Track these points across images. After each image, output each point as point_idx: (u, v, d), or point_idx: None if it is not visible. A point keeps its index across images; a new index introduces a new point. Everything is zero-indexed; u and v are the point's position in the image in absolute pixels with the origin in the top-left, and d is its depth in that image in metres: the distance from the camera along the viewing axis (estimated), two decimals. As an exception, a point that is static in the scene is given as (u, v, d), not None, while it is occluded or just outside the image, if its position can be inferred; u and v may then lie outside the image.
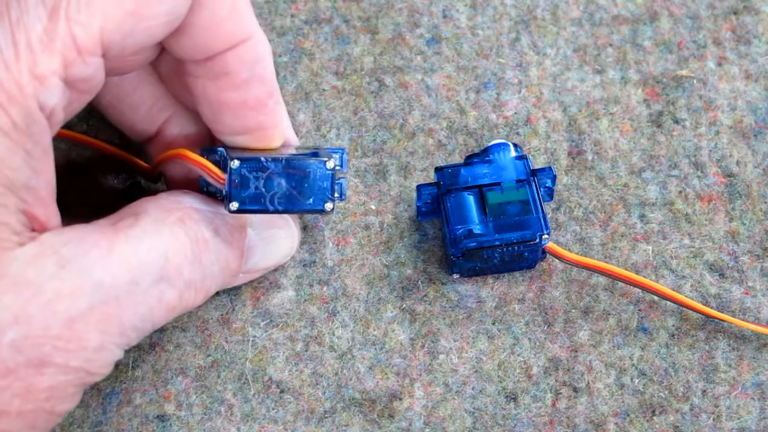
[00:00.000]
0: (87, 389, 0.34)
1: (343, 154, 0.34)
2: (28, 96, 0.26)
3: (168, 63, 0.34)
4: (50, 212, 0.29)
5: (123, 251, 0.29)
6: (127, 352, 0.35)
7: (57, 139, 0.38)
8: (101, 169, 0.38)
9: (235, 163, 0.31)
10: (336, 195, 0.32)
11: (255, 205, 0.31)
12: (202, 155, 0.32)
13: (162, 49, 0.32)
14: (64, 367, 0.27)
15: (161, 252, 0.29)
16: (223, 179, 0.31)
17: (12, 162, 0.27)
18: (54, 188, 0.29)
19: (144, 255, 0.29)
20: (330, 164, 0.32)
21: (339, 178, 0.33)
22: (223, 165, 0.31)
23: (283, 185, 0.31)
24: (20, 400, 0.27)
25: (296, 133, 0.38)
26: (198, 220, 0.31)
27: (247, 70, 0.31)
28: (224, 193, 0.31)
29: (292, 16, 0.41)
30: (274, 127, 0.32)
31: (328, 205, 0.32)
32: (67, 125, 0.38)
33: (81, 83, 0.28)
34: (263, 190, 0.31)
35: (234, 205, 0.31)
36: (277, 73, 0.40)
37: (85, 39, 0.27)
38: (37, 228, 0.28)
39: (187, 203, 0.31)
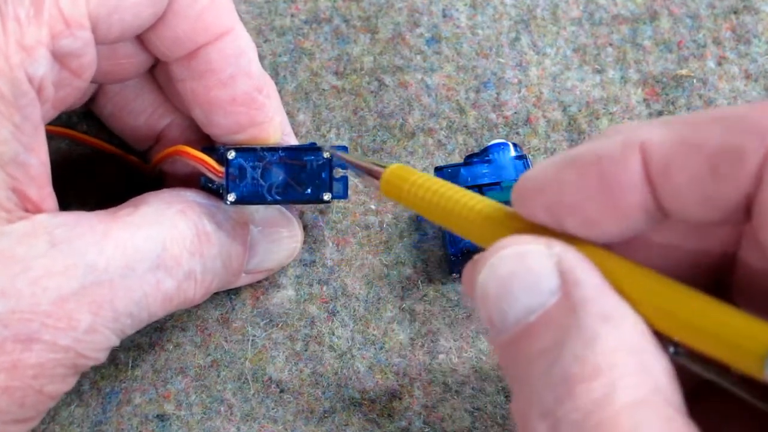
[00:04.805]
0: (87, 388, 0.34)
1: (344, 151, 0.34)
2: (14, 66, 0.26)
3: (165, 71, 0.34)
4: (44, 194, 0.28)
5: (119, 237, 0.29)
6: (127, 351, 0.35)
7: (57, 139, 0.38)
8: (101, 168, 0.38)
9: (232, 154, 0.31)
10: (335, 189, 0.32)
11: (253, 196, 0.32)
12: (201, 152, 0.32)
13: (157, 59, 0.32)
14: (52, 344, 0.27)
15: (159, 240, 0.29)
16: (221, 172, 0.31)
17: None
18: (48, 170, 0.29)
19: (141, 242, 0.29)
20: (326, 154, 0.32)
21: (341, 176, 0.33)
22: (222, 161, 0.32)
23: (280, 175, 0.32)
24: (6, 376, 0.27)
25: (296, 134, 0.38)
26: (200, 213, 0.31)
27: (231, 64, 0.31)
28: (222, 185, 0.31)
29: (292, 16, 0.41)
30: (267, 121, 0.32)
31: (326, 195, 0.32)
32: (68, 125, 0.38)
33: (70, 59, 0.28)
34: (261, 180, 0.32)
35: (232, 197, 0.31)
36: (277, 73, 0.40)
37: (72, 11, 0.27)
38: (30, 209, 0.28)
39: (190, 197, 0.31)
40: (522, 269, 0.23)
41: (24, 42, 0.26)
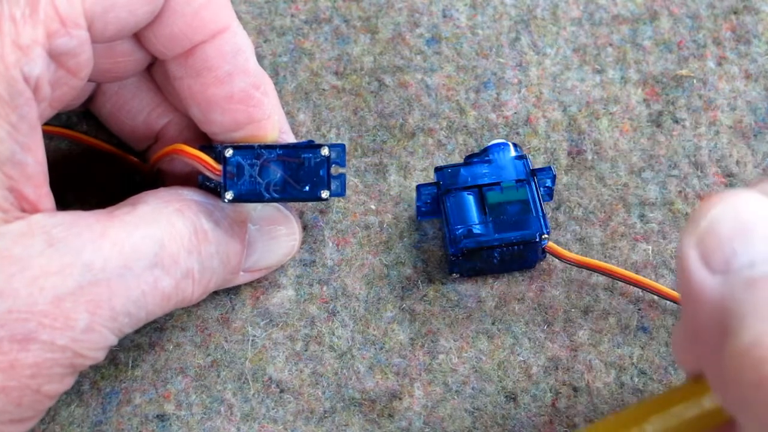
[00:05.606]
0: (87, 388, 0.34)
1: (342, 149, 0.34)
2: (10, 66, 0.26)
3: (163, 70, 0.34)
4: (41, 193, 0.28)
5: (117, 236, 0.29)
6: (127, 351, 0.35)
7: (56, 139, 0.38)
8: (100, 168, 0.38)
9: (230, 152, 0.31)
10: (332, 187, 0.32)
11: (251, 193, 0.32)
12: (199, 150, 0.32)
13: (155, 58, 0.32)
14: (50, 344, 0.27)
15: (156, 239, 0.29)
16: (219, 170, 0.31)
17: None
18: (45, 169, 0.29)
19: (138, 241, 0.29)
20: (324, 151, 0.32)
21: (339, 174, 0.33)
22: (219, 159, 0.32)
23: (278, 173, 0.32)
24: (3, 376, 0.27)
25: (296, 134, 0.38)
26: (197, 211, 0.31)
27: (228, 62, 0.31)
28: (220, 183, 0.31)
29: (292, 16, 0.41)
30: (265, 118, 0.32)
31: (324, 193, 0.32)
32: (67, 125, 0.38)
33: (66, 57, 0.28)
34: (259, 178, 0.32)
35: (230, 195, 0.31)
36: (277, 73, 0.40)
37: (68, 10, 0.27)
38: (27, 209, 0.28)
39: (187, 195, 0.31)
40: None
41: (20, 41, 0.26)
